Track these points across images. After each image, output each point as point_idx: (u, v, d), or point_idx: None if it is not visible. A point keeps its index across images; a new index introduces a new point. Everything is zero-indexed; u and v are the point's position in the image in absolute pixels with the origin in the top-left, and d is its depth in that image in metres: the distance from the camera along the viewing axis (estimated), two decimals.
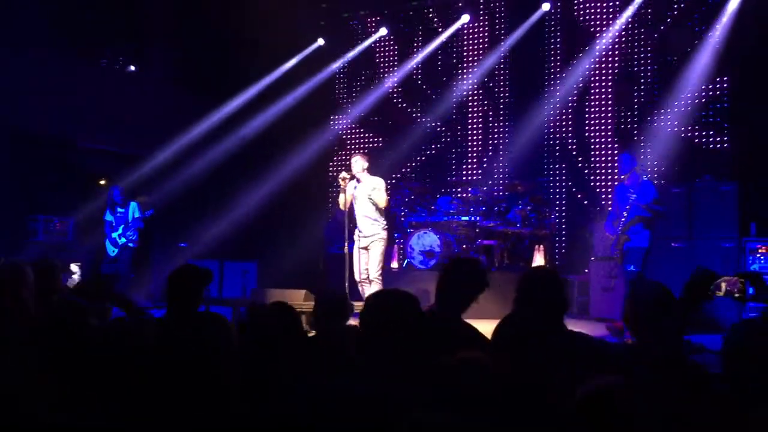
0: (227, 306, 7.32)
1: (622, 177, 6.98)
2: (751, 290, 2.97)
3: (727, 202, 7.59)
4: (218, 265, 10.13)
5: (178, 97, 10.31)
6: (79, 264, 9.10)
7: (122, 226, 8.78)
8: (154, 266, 10.23)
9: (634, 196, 6.65)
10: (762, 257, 7.30)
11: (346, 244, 7.25)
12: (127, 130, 10.00)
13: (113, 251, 8.82)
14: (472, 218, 9.12)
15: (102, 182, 10.29)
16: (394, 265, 9.27)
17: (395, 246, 9.41)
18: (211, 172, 10.21)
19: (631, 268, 6.68)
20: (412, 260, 8.91)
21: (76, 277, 8.93)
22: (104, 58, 10.75)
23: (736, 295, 2.98)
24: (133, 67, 11.25)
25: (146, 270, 9.91)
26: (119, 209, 8.78)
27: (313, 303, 3.66)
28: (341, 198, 7.18)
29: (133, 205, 8.84)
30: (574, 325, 3.38)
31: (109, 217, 8.83)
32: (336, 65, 11.35)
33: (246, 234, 10.42)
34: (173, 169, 10.00)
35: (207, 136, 10.42)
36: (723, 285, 2.97)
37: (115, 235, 8.79)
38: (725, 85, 8.60)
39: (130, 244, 8.80)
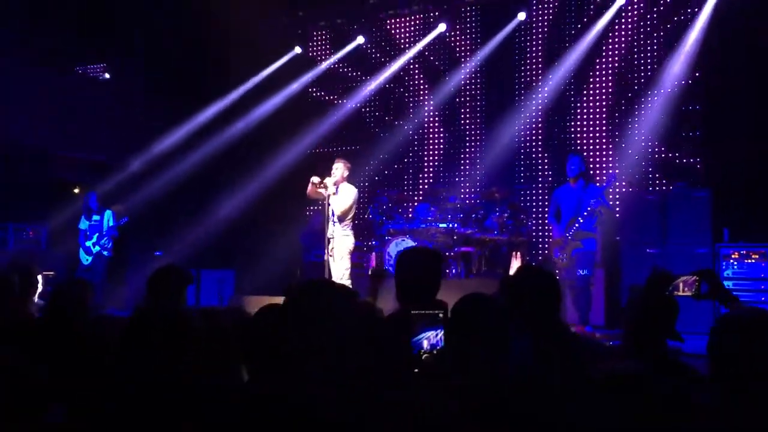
0: None
1: (570, 179, 7.15)
2: (705, 288, 2.97)
3: (700, 208, 7.67)
4: (195, 273, 10.02)
5: (152, 105, 10.21)
6: (52, 273, 8.94)
7: (96, 234, 8.67)
8: (129, 275, 10.07)
9: (593, 201, 6.86)
10: (735, 263, 7.42)
11: (326, 251, 7.21)
12: (102, 137, 9.87)
13: (87, 260, 8.70)
14: (450, 225, 9.13)
15: (76, 190, 10.16)
16: None
17: (373, 253, 9.40)
18: (187, 180, 10.11)
19: (585, 272, 6.88)
20: (390, 267, 8.90)
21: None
22: (78, 66, 10.65)
23: (692, 293, 2.98)
24: (108, 75, 11.15)
25: (121, 279, 9.77)
26: (95, 216, 8.67)
27: None
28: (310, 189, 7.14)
29: (108, 213, 8.74)
30: None
31: (83, 225, 8.72)
32: (314, 72, 11.34)
33: (223, 242, 10.31)
34: (148, 177, 9.89)
35: (183, 143, 10.34)
36: (681, 285, 2.97)
37: (89, 243, 8.67)
38: (699, 92, 8.70)
39: (105, 253, 8.69)
